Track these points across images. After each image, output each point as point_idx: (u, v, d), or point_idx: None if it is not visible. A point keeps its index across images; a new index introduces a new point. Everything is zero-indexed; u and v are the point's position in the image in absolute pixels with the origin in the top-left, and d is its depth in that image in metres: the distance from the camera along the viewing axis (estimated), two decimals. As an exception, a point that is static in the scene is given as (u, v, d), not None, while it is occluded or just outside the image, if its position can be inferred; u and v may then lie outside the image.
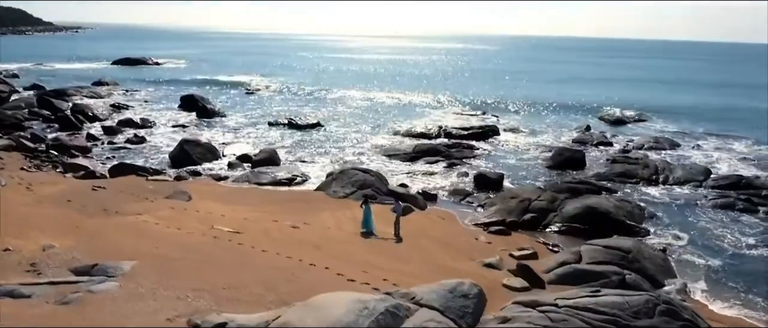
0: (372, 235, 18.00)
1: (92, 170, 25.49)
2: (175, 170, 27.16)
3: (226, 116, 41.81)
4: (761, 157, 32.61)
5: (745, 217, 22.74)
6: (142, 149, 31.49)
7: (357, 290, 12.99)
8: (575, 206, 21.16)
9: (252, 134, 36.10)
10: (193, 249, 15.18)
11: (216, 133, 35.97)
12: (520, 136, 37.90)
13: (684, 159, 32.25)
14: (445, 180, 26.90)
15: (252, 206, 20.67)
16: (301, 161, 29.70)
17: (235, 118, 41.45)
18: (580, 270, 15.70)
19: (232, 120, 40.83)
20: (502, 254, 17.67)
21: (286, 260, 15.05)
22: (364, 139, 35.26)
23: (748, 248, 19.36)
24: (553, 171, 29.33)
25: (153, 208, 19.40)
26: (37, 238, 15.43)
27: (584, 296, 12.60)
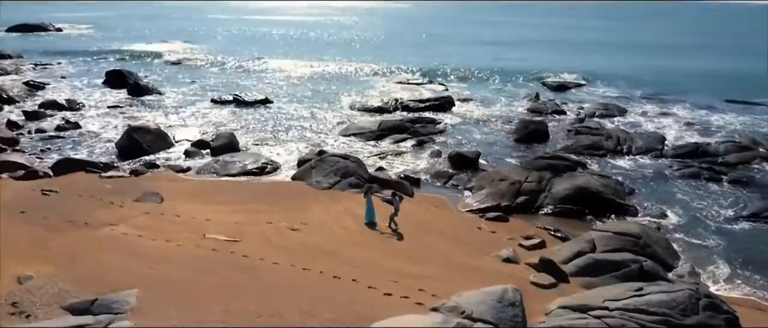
0: (374, 226, 17.14)
1: (32, 168, 22.55)
2: (126, 162, 24.68)
3: (162, 93, 38.59)
4: (704, 123, 34.43)
5: (713, 186, 23.84)
6: (79, 138, 28.43)
7: (398, 306, 12.23)
8: (565, 187, 21.21)
9: (197, 115, 33.58)
10: (197, 268, 13.68)
11: (157, 115, 33.16)
12: (474, 106, 37.84)
13: (636, 126, 33.40)
14: (419, 160, 26.28)
15: (234, 205, 19.08)
16: (262, 145, 27.93)
17: (173, 96, 38.43)
18: (599, 260, 15.69)
19: (169, 98, 37.82)
20: (511, 245, 17.36)
21: (304, 273, 13.93)
22: (320, 116, 33.74)
23: (728, 221, 20.25)
24: (520, 145, 29.46)
25: (126, 215, 17.43)
26: (6, 266, 13.29)
27: (632, 296, 12.49)
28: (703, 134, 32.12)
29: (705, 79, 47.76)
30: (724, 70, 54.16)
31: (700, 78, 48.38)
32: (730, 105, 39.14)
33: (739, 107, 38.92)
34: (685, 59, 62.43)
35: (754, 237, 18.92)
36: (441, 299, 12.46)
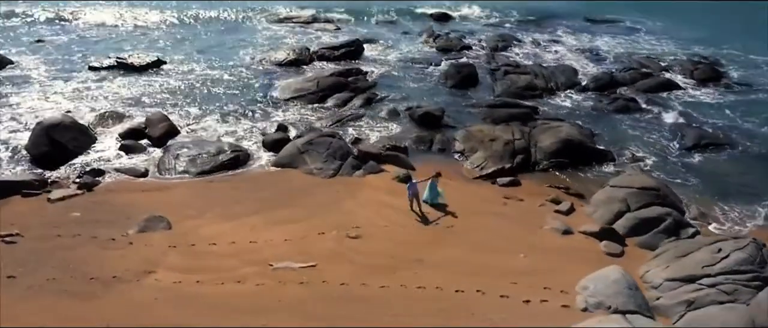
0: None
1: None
2: (53, 171, 20.53)
3: (14, 63, 31.69)
4: (594, 49, 38.25)
5: (645, 117, 27.23)
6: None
7: (546, 311, 12.65)
8: (551, 141, 22.65)
9: (84, 90, 28.34)
10: (307, 314, 12.63)
11: (26, 96, 27.30)
12: (382, 49, 37.29)
13: (539, 58, 35.98)
14: (381, 124, 25.72)
15: (259, 216, 17.35)
16: (199, 124, 24.97)
17: (33, 65, 31.71)
18: (640, 219, 17.46)
19: (32, 69, 31.14)
20: (546, 212, 18.45)
21: (421, 292, 13.53)
22: (234, 79, 30.66)
23: (682, 155, 23.59)
24: (457, 91, 30.15)
25: (150, 255, 14.97)
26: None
27: (722, 259, 14.36)
28: (597, 61, 35.72)
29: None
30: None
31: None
32: (602, 27, 43.61)
33: (606, 27, 43.55)
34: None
35: (712, 168, 22.37)
36: (568, 294, 13.12)
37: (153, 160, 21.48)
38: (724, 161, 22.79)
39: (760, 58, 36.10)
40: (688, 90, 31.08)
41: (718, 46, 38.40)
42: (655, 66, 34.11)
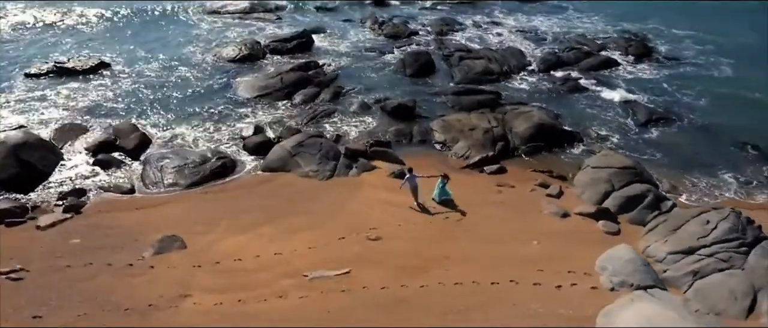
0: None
1: None
2: (23, 194, 19.43)
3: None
4: (531, 29, 40.14)
5: (597, 96, 29.25)
6: None
7: (578, 294, 13.83)
8: (525, 126, 23.98)
9: (26, 100, 26.52)
10: (361, 320, 13.00)
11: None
12: (331, 39, 37.21)
13: (485, 41, 37.38)
14: (355, 118, 26.05)
15: (272, 225, 17.39)
16: (168, 130, 24.23)
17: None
18: (626, 197, 19.09)
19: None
20: (539, 196, 19.76)
21: (460, 289, 14.34)
22: (190, 77, 29.73)
23: (640, 132, 25.62)
24: (418, 80, 30.85)
25: (179, 277, 14.77)
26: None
27: (712, 230, 16.09)
28: (539, 42, 37.58)
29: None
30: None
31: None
32: (535, 6, 45.61)
33: (538, 6, 45.65)
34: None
35: (669, 142, 24.54)
36: (591, 276, 14.40)
37: (135, 174, 20.69)
38: (677, 135, 25.06)
39: (681, 32, 39.34)
40: (626, 67, 33.49)
41: (643, 22, 41.38)
42: (592, 45, 36.37)
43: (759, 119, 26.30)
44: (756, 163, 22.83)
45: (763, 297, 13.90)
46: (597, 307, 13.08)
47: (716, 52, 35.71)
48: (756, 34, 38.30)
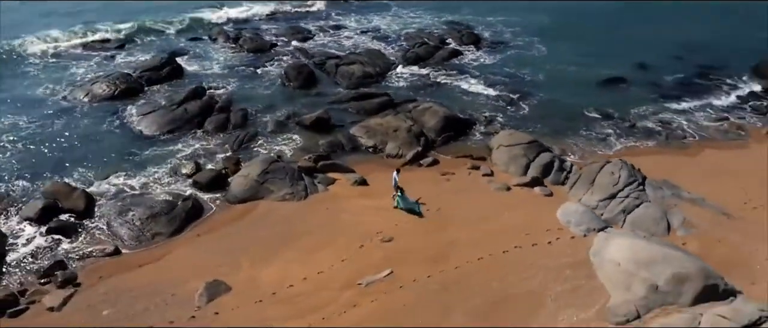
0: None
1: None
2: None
3: None
4: (375, 29, 44.36)
5: (463, 82, 34.60)
6: None
7: (573, 245, 18.57)
8: (435, 121, 28.07)
9: None
10: (454, 302, 16.11)
11: None
12: (200, 62, 36.88)
13: (341, 46, 40.72)
14: (279, 136, 27.64)
15: (285, 252, 18.94)
16: (99, 185, 23.35)
17: None
18: (541, 164, 24.34)
19: None
20: (477, 177, 24.18)
21: (502, 256, 18.00)
22: (72, 124, 27.95)
23: (514, 108, 31.45)
24: (307, 91, 32.97)
25: (251, 317, 16.08)
26: None
27: (614, 184, 22.05)
28: (389, 40, 41.95)
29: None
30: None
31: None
32: (361, 6, 49.84)
33: (364, 6, 50.03)
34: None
35: (536, 114, 30.57)
36: (563, 229, 19.17)
37: (103, 234, 20.15)
38: (539, 108, 31.32)
39: (492, 18, 46.94)
40: (468, 55, 39.52)
41: (460, 14, 48.24)
42: (433, 39, 41.80)
43: (584, 86, 33.97)
44: (600, 122, 29.95)
45: (671, 217, 19.96)
46: (584, 249, 17.75)
47: (526, 34, 43.64)
48: (547, 15, 47.48)
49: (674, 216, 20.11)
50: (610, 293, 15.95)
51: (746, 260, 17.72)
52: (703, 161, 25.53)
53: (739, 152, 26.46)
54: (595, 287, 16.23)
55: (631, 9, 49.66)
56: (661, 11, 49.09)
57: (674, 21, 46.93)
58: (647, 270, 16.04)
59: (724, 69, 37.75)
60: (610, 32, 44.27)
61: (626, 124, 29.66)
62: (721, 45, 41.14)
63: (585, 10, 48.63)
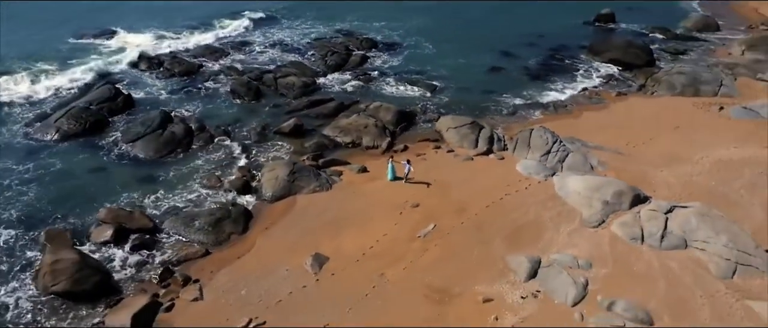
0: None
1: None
2: (101, 304, 21.64)
3: None
4: (280, 41, 49.52)
5: (383, 83, 41.79)
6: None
7: (542, 188, 27.05)
8: (391, 116, 34.67)
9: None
10: (518, 226, 23.42)
11: None
12: (142, 90, 39.30)
13: (261, 60, 45.47)
14: (266, 145, 32.40)
15: (349, 228, 24.67)
16: (153, 208, 26.55)
17: None
18: (485, 137, 32.56)
19: None
20: (444, 154, 31.69)
21: (508, 200, 25.58)
22: (67, 169, 29.88)
23: (438, 99, 39.43)
24: (263, 103, 37.66)
25: (371, 270, 21.86)
26: None
27: (541, 138, 31.15)
28: (298, 51, 47.29)
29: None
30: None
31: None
32: (260, 22, 54.42)
33: (261, 21, 54.66)
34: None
35: (457, 100, 38.83)
36: (530, 178, 27.56)
37: (184, 243, 23.95)
38: (454, 94, 39.36)
39: (376, 24, 54.42)
40: (375, 59, 46.55)
41: (346, 21, 55.05)
42: (340, 47, 48.04)
43: (477, 76, 42.96)
44: (502, 101, 38.96)
45: (590, 160, 29.19)
46: (551, 188, 26.10)
47: (411, 36, 51.86)
48: (420, 18, 56.34)
49: (591, 159, 29.31)
50: (580, 211, 24.32)
51: (644, 178, 27.28)
52: (586, 121, 35.50)
53: (605, 112, 37.02)
54: (570, 210, 24.54)
55: (482, 7, 60.47)
56: (511, 9, 60.51)
57: (521, 16, 58.58)
58: (598, 192, 24.73)
59: (566, 50, 49.41)
60: (476, 29, 54.31)
61: (520, 101, 38.94)
62: (558, 32, 53.17)
63: (450, 12, 58.42)
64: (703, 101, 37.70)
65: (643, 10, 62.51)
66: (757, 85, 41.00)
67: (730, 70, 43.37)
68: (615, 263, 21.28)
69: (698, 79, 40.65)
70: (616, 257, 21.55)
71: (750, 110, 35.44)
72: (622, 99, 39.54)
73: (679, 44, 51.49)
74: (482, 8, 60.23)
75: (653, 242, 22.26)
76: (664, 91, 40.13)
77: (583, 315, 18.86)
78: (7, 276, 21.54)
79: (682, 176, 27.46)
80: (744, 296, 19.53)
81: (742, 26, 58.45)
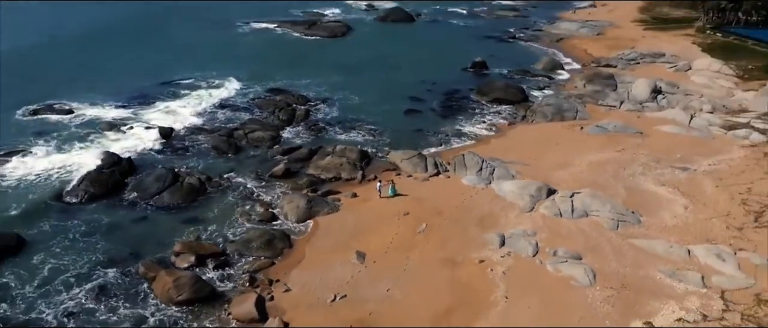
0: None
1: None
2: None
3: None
4: (227, 101, 57.90)
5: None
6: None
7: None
8: (356, 154, 45.16)
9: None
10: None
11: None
12: (145, 157, 46.00)
13: (219, 118, 53.74)
14: (271, 186, 41.38)
15: (370, 235, 34.71)
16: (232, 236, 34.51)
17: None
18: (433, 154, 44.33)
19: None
20: (406, 179, 42.85)
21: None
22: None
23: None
24: (245, 154, 46.32)
25: (406, 238, 32.06)
26: None
27: (479, 164, 43.59)
28: (244, 110, 56.16)
29: None
30: None
31: None
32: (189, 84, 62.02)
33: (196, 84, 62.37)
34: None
35: (395, 138, 50.22)
36: (475, 188, 39.60)
37: (250, 259, 32.27)
38: (391, 135, 50.57)
39: (303, 81, 64.56)
40: (316, 112, 56.58)
41: (273, 81, 64.47)
42: (280, 103, 57.50)
43: (400, 117, 54.71)
44: (429, 136, 50.86)
45: (509, 171, 41.76)
46: (493, 192, 38.07)
47: (336, 90, 62.57)
48: (330, 74, 67.49)
49: (511, 170, 41.81)
50: (517, 203, 36.41)
51: (549, 178, 40.11)
52: (495, 145, 48.27)
53: (504, 138, 50.22)
54: (510, 203, 36.50)
55: (379, 62, 73.08)
56: (399, 62, 73.73)
57: (411, 67, 72.10)
58: (525, 190, 37.08)
59: (458, 93, 63.09)
60: (382, 81, 66.74)
61: (442, 135, 51.16)
62: (446, 79, 67.16)
63: (354, 68, 70.61)
64: (568, 124, 52.46)
65: (505, 57, 79.15)
66: (599, 109, 57.07)
67: (580, 99, 59.31)
68: (549, 230, 33.32)
69: (561, 108, 55.73)
70: (548, 227, 33.63)
71: (600, 127, 50.61)
72: (513, 127, 53.30)
73: (540, 82, 67.53)
74: (379, 63, 72.99)
75: (567, 215, 34.74)
76: (540, 119, 54.52)
77: (541, 261, 30.45)
78: (135, 298, 28.37)
79: (571, 174, 40.79)
80: (627, 238, 32.41)
81: (578, 65, 76.60)
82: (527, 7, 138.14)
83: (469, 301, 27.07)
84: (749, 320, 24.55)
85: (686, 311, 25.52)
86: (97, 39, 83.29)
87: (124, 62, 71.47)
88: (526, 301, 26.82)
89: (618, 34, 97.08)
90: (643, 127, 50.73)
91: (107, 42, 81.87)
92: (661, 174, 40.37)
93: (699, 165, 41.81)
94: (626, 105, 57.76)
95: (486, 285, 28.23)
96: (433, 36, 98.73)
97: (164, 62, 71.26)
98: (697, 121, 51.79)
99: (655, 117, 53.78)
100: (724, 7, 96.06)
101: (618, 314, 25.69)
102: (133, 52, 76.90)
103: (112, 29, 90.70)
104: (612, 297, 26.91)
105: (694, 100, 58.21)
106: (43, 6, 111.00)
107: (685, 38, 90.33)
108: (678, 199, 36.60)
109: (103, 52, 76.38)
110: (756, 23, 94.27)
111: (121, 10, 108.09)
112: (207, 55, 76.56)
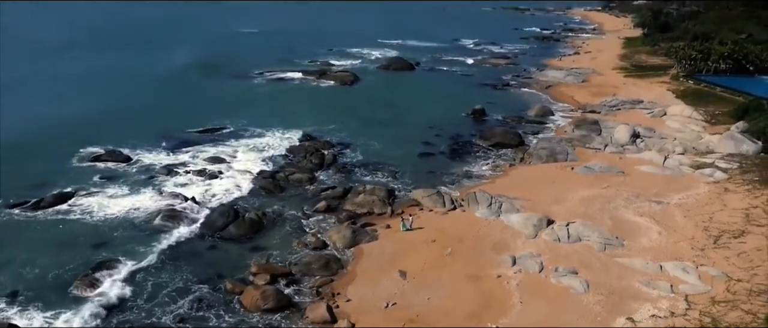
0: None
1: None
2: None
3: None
4: (261, 146, 66.37)
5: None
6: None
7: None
8: (384, 193, 53.66)
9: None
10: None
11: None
12: (186, 215, 54.19)
13: (273, 160, 62.03)
14: (309, 224, 49.65)
15: (400, 259, 42.95)
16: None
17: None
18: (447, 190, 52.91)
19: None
20: (428, 213, 51.31)
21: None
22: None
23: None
24: (288, 194, 54.69)
25: (432, 256, 40.32)
26: None
27: (494, 204, 52.31)
28: (281, 157, 64.72)
29: None
30: None
31: None
32: (220, 135, 70.60)
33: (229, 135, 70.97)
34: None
35: (415, 179, 58.74)
36: (490, 221, 48.15)
37: (314, 277, 40.25)
38: (410, 176, 59.07)
39: (327, 127, 73.35)
40: (342, 156, 65.12)
41: (303, 128, 73.14)
42: (310, 148, 66.07)
43: (417, 160, 63.43)
44: (443, 177, 59.45)
45: (516, 205, 50.36)
46: (502, 223, 46.54)
47: (357, 136, 71.19)
48: (351, 119, 76.58)
49: (516, 205, 50.34)
50: (523, 231, 44.84)
51: (548, 211, 48.52)
52: (500, 184, 56.82)
53: (507, 177, 58.86)
54: (517, 232, 44.88)
55: (389, 109, 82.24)
56: (406, 111, 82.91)
57: (418, 114, 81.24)
58: (529, 221, 45.56)
59: (462, 138, 71.95)
60: (396, 127, 75.46)
61: (454, 176, 59.76)
62: (450, 125, 76.25)
63: (366, 114, 79.47)
64: (561, 165, 61.33)
65: (500, 104, 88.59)
66: (587, 151, 66.15)
67: (569, 143, 68.38)
68: (550, 252, 41.67)
69: (554, 151, 64.70)
70: (550, 249, 41.99)
71: (588, 168, 59.51)
72: (514, 168, 62.09)
73: (534, 128, 76.75)
74: (389, 110, 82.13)
75: (564, 240, 43.16)
76: (536, 161, 63.37)
77: (546, 275, 38.74)
78: (228, 306, 36.17)
79: (566, 208, 49.38)
80: (612, 257, 40.84)
81: (567, 111, 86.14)
82: (517, 55, 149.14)
83: (493, 305, 35.10)
84: (706, 315, 32.77)
85: (659, 310, 33.70)
86: (134, 95, 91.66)
87: (160, 112, 79.41)
88: (536, 305, 34.90)
89: (601, 81, 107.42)
90: (625, 167, 59.63)
91: (138, 97, 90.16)
92: (640, 207, 48.97)
93: (671, 199, 50.53)
94: (610, 148, 66.77)
95: (504, 294, 36.32)
96: (434, 84, 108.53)
97: (199, 111, 79.68)
98: (670, 162, 60.77)
99: (634, 158, 62.79)
100: (695, 57, 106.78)
101: (607, 313, 33.82)
102: (162, 101, 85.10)
103: (142, 84, 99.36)
104: (602, 301, 35.05)
105: (668, 142, 67.41)
106: (72, 59, 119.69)
107: (661, 85, 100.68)
108: (653, 226, 45.10)
109: (143, 102, 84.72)
110: (724, 71, 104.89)
111: (135, 71, 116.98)
112: (237, 103, 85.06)
